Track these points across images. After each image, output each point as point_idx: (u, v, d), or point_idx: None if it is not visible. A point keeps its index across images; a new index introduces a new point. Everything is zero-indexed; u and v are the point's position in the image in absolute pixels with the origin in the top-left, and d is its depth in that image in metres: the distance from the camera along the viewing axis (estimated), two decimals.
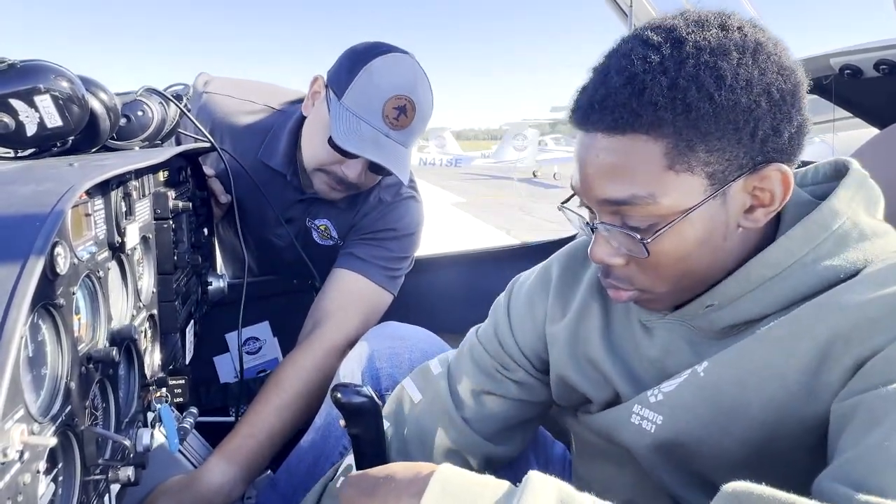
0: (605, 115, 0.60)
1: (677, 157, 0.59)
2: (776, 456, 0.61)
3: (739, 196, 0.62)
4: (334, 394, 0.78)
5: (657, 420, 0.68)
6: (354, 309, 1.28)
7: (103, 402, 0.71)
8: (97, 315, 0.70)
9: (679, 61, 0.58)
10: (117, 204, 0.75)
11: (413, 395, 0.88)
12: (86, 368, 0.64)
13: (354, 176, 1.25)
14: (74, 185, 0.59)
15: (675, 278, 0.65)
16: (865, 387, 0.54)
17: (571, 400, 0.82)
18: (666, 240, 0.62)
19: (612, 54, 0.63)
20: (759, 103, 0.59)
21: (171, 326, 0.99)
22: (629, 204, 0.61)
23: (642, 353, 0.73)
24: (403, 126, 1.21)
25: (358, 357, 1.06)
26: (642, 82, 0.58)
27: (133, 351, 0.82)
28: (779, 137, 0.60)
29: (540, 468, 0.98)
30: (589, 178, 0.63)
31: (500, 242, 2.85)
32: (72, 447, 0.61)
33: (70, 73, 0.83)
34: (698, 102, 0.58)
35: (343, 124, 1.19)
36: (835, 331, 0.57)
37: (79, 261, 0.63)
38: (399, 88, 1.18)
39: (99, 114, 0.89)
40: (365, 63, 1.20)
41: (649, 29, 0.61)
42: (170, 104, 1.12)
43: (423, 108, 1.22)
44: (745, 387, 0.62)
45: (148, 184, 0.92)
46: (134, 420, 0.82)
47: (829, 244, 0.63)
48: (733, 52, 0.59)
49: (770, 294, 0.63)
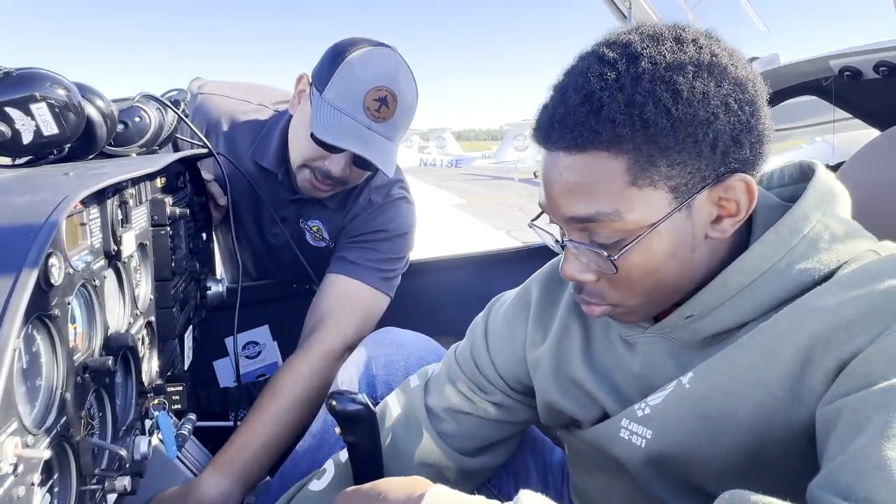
0: (565, 133, 0.60)
1: (639, 173, 0.59)
2: (767, 462, 0.62)
3: (705, 207, 0.62)
4: (329, 402, 0.78)
5: (647, 434, 0.68)
6: (350, 313, 1.27)
7: (100, 412, 0.71)
8: (93, 324, 0.69)
9: (635, 77, 0.58)
10: (113, 212, 0.75)
11: (393, 408, 0.89)
12: (81, 378, 0.63)
13: (338, 170, 1.23)
14: (69, 195, 0.58)
15: (645, 291, 0.65)
16: (848, 389, 0.54)
17: (560, 421, 0.82)
18: (634, 255, 0.62)
19: (570, 72, 0.63)
20: (717, 115, 0.59)
21: (169, 333, 0.99)
22: (595, 221, 0.61)
23: (625, 368, 0.73)
24: (386, 118, 1.19)
25: (356, 363, 1.06)
26: (599, 100, 0.59)
27: (130, 359, 0.82)
28: (740, 148, 0.61)
29: (539, 475, 0.99)
30: (554, 197, 0.63)
31: (500, 243, 2.84)
32: (67, 458, 0.61)
33: (66, 80, 0.83)
34: (656, 118, 0.58)
35: (324, 117, 1.18)
36: (814, 334, 0.58)
37: (74, 270, 0.63)
38: (379, 80, 1.17)
39: (95, 121, 0.88)
40: (345, 56, 1.19)
41: (605, 45, 0.62)
42: (167, 110, 1.12)
43: (406, 99, 1.20)
44: (731, 395, 0.62)
45: (145, 190, 0.92)
46: (131, 428, 0.82)
47: (802, 248, 0.63)
48: (688, 66, 0.59)
49: (748, 301, 0.64)
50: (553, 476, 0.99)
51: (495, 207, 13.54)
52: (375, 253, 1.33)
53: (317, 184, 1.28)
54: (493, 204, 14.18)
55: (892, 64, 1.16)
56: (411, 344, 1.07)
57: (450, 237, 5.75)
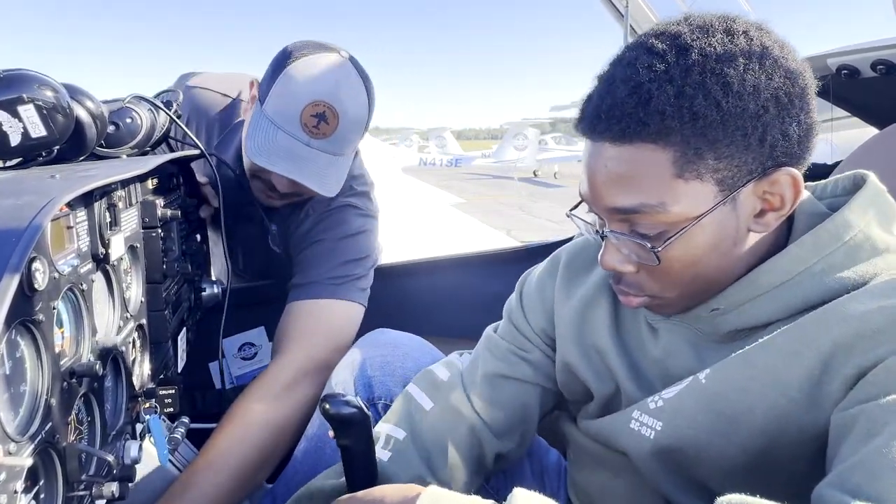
0: (612, 124, 0.60)
1: (686, 165, 0.59)
2: (775, 464, 0.61)
3: (749, 201, 0.62)
4: (322, 405, 0.77)
5: (657, 426, 0.68)
6: (308, 334, 1.18)
7: (88, 416, 0.70)
8: (81, 328, 0.69)
9: (685, 69, 0.58)
10: (101, 215, 0.74)
11: (423, 403, 0.87)
12: (68, 384, 0.62)
13: (282, 186, 1.17)
14: (54, 199, 0.58)
15: (685, 284, 0.65)
16: (866, 397, 0.53)
17: (573, 391, 0.82)
18: (676, 246, 0.62)
19: (617, 63, 0.62)
20: (767, 108, 0.58)
21: (162, 336, 0.98)
22: (639, 212, 0.61)
23: (647, 351, 0.74)
24: (326, 134, 1.12)
25: (350, 365, 1.05)
26: (648, 91, 0.58)
27: (120, 362, 0.81)
28: (787, 141, 0.60)
29: (535, 476, 0.98)
30: (598, 187, 0.63)
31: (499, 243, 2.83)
32: (53, 464, 0.60)
33: (54, 81, 0.82)
34: (705, 110, 0.57)
35: (260, 134, 1.13)
36: (837, 340, 0.57)
37: (59, 274, 0.62)
38: (316, 94, 1.10)
39: (85, 122, 0.88)
40: (284, 67, 1.13)
41: (653, 36, 0.61)
42: (159, 111, 1.11)
43: (350, 112, 1.13)
44: (748, 393, 0.61)
45: (135, 192, 0.91)
46: (122, 432, 0.81)
47: (840, 255, 0.62)
48: (739, 58, 0.58)
49: (776, 301, 0.63)
50: (549, 477, 0.98)
51: (495, 207, 13.54)
52: (324, 263, 1.24)
53: (269, 195, 1.23)
54: (493, 203, 14.18)
55: (889, 62, 1.15)
56: (407, 345, 1.06)
57: (449, 237, 5.74)
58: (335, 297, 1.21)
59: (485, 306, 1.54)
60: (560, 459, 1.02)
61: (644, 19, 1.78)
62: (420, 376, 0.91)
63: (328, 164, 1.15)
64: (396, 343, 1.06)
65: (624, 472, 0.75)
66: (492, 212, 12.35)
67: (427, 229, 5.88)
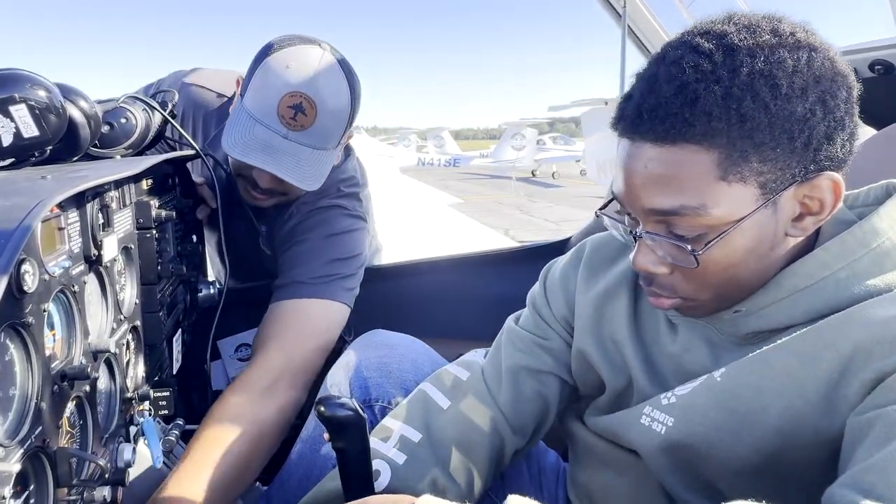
0: (656, 124, 0.59)
1: (730, 168, 0.58)
2: (786, 467, 0.61)
3: (790, 205, 0.61)
4: (318, 407, 0.76)
5: (668, 422, 0.67)
6: (287, 336, 1.15)
7: (80, 420, 0.70)
8: (73, 330, 0.68)
9: (732, 69, 0.57)
10: (93, 216, 0.73)
11: (440, 402, 0.86)
12: (59, 387, 0.62)
13: (262, 181, 1.16)
14: (44, 200, 0.57)
15: (719, 286, 0.64)
16: (885, 401, 0.53)
17: (586, 382, 0.83)
18: (715, 249, 0.61)
19: (660, 61, 0.61)
20: (814, 112, 0.58)
21: (156, 337, 0.97)
22: (678, 214, 0.60)
23: (663, 346, 0.74)
24: (304, 125, 1.10)
25: (345, 366, 1.04)
26: (695, 91, 0.57)
27: (114, 365, 0.80)
28: (832, 145, 0.59)
29: (533, 478, 0.98)
30: (636, 188, 0.62)
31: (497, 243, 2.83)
32: (44, 469, 0.59)
33: (47, 81, 0.81)
34: (754, 112, 0.57)
35: (238, 128, 1.12)
36: (858, 345, 0.57)
37: (50, 276, 0.61)
38: (292, 86, 1.09)
39: (78, 122, 0.87)
40: (262, 59, 1.12)
41: (698, 35, 0.60)
42: (154, 111, 1.11)
43: (329, 104, 1.11)
44: (763, 393, 0.61)
45: (129, 193, 0.90)
46: (115, 435, 0.80)
47: (866, 262, 0.62)
48: (788, 60, 0.57)
49: (799, 305, 0.63)
50: (547, 478, 0.98)
51: (493, 207, 13.54)
52: (306, 262, 1.21)
53: (253, 193, 1.21)
54: (492, 203, 14.18)
55: (887, 63, 1.15)
56: (402, 346, 1.05)
57: (446, 237, 5.73)
58: (318, 297, 1.18)
59: (483, 306, 1.53)
60: (558, 460, 1.01)
61: (642, 20, 1.78)
62: (435, 376, 0.90)
63: (308, 158, 1.13)
64: (393, 344, 1.04)
65: (628, 471, 0.75)
66: (490, 212, 12.35)
67: (425, 229, 5.87)
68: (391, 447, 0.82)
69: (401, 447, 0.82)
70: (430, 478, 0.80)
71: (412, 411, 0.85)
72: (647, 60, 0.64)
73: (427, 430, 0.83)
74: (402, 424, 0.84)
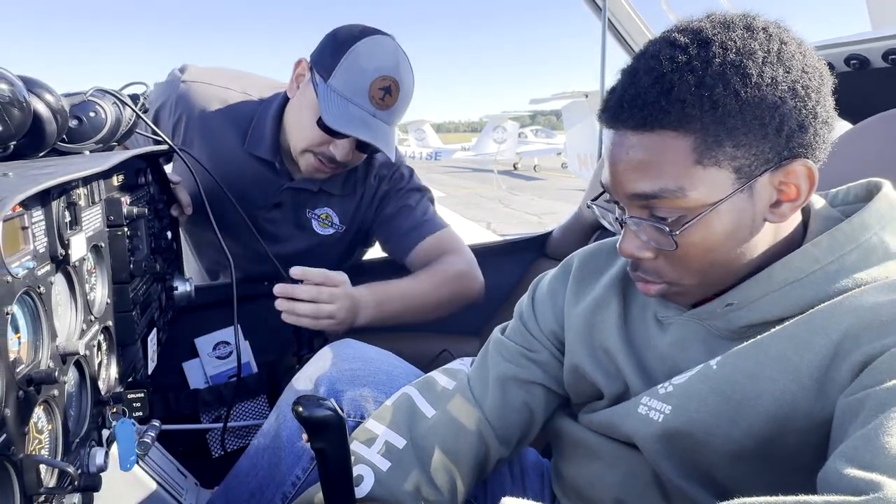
0: (635, 112, 0.62)
1: (705, 152, 0.61)
2: (781, 451, 0.62)
3: (766, 190, 0.64)
4: (296, 407, 0.74)
5: (665, 410, 0.69)
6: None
7: (49, 425, 0.67)
8: (39, 333, 0.66)
9: (706, 60, 0.60)
10: (59, 214, 0.70)
11: (425, 411, 0.85)
12: (24, 392, 0.60)
13: (343, 155, 1.29)
14: (5, 198, 0.55)
15: (702, 270, 0.67)
16: (872, 382, 0.54)
17: (582, 392, 0.83)
18: (694, 232, 0.64)
19: (641, 56, 0.65)
20: (784, 99, 0.61)
21: (129, 338, 0.95)
22: (658, 197, 0.63)
23: (655, 347, 0.75)
24: (389, 106, 1.25)
25: (313, 379, 0.98)
26: (670, 81, 0.61)
27: (84, 367, 0.78)
28: (804, 133, 0.62)
29: (515, 479, 0.97)
30: (619, 174, 0.65)
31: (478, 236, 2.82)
32: (9, 477, 0.57)
33: (9, 74, 0.78)
34: (725, 99, 0.60)
35: (333, 106, 1.23)
36: (847, 330, 0.59)
37: (14, 278, 0.59)
38: (384, 70, 1.23)
39: (44, 116, 0.84)
40: (350, 45, 1.24)
41: (676, 31, 0.64)
42: (125, 105, 1.07)
43: (406, 88, 1.27)
44: (757, 379, 0.63)
45: (99, 190, 0.87)
46: (87, 439, 0.78)
47: (854, 256, 0.64)
48: (758, 52, 0.61)
49: (789, 298, 0.65)
50: (529, 478, 0.97)
51: (475, 200, 13.53)
52: (416, 210, 1.45)
53: (320, 167, 1.33)
54: (474, 196, 14.17)
55: (862, 57, 1.16)
56: (376, 359, 1.01)
57: None
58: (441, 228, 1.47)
59: None
60: (538, 458, 1.01)
61: (622, 13, 1.77)
62: (420, 382, 0.90)
63: (387, 132, 1.28)
64: (364, 357, 1.01)
65: (619, 462, 0.76)
66: (472, 205, 12.35)
67: None
68: (375, 452, 0.82)
69: (385, 453, 0.81)
70: (413, 485, 0.79)
71: (397, 416, 0.85)
72: (630, 55, 0.66)
73: (412, 437, 0.83)
74: (386, 429, 0.83)
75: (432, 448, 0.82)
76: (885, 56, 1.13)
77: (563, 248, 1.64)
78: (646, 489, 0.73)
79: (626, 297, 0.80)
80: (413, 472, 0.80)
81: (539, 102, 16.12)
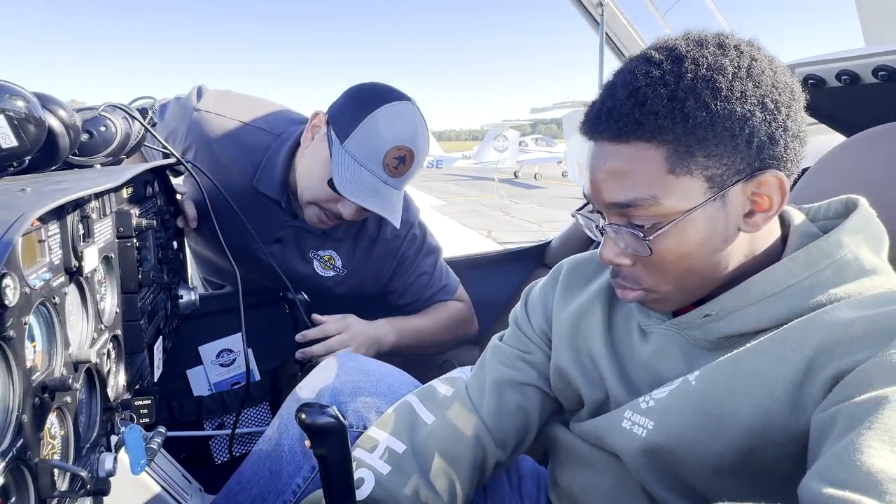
0: (611, 124, 0.65)
1: (677, 162, 0.64)
2: (761, 464, 0.63)
3: (738, 200, 0.66)
4: (299, 414, 0.76)
5: (648, 425, 0.70)
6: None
7: (62, 430, 0.70)
8: (53, 342, 0.68)
9: (678, 75, 0.63)
10: (74, 227, 0.73)
11: (425, 417, 0.88)
12: (40, 398, 0.62)
13: (349, 214, 1.30)
14: (24, 214, 0.57)
15: (677, 277, 0.69)
16: (844, 398, 0.56)
17: (566, 397, 0.86)
18: (668, 238, 0.66)
19: (620, 72, 0.68)
20: (753, 113, 0.63)
21: (137, 346, 0.97)
22: (634, 206, 0.66)
23: (636, 356, 0.77)
24: (401, 174, 1.27)
25: (316, 390, 1.00)
26: (644, 94, 0.64)
27: (94, 375, 0.80)
28: (775, 145, 0.65)
29: (513, 487, 0.99)
30: (598, 183, 0.68)
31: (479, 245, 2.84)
32: (25, 481, 0.59)
33: (25, 91, 0.81)
34: (696, 111, 0.62)
35: (345, 170, 1.24)
36: (820, 346, 0.61)
37: (31, 289, 0.61)
38: (401, 140, 1.24)
39: (57, 132, 0.87)
40: (370, 111, 1.24)
41: (653, 48, 0.67)
42: (134, 119, 1.10)
43: (420, 156, 1.29)
44: (735, 393, 0.64)
45: (109, 202, 0.90)
46: (96, 445, 0.80)
47: (829, 272, 0.66)
48: (728, 68, 0.63)
49: (766, 311, 0.67)
50: (526, 486, 0.99)
51: (476, 208, 13.56)
52: (425, 273, 1.53)
53: (325, 220, 1.35)
54: (474, 204, 14.20)
55: (853, 73, 1.19)
56: (378, 371, 1.03)
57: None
58: (454, 292, 1.59)
59: None
60: (535, 465, 1.03)
61: (619, 27, 1.81)
62: (421, 391, 0.92)
63: (397, 198, 1.32)
64: (367, 370, 1.03)
65: (609, 470, 0.78)
66: (472, 213, 12.36)
67: None
68: (376, 457, 0.84)
69: (386, 458, 0.83)
70: (413, 489, 0.81)
71: (398, 423, 0.87)
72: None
73: (412, 443, 0.85)
74: (387, 436, 0.85)
75: (431, 453, 0.84)
76: (874, 72, 1.15)
77: (561, 257, 1.66)
78: (636, 497, 0.75)
79: (612, 305, 0.82)
80: (413, 476, 0.82)
81: (540, 111, 16.17)
